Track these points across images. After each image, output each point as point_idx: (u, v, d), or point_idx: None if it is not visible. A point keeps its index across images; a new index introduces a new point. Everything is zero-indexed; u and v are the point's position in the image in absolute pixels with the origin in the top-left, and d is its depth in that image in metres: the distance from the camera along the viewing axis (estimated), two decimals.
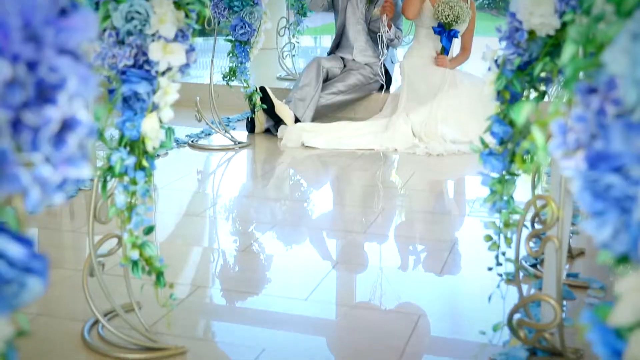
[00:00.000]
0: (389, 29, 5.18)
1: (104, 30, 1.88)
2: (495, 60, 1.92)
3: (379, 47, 5.22)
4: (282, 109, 4.92)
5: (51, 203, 0.72)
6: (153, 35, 1.84)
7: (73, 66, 0.73)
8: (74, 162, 0.71)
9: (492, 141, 2.00)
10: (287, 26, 6.59)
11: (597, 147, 0.83)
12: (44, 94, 0.70)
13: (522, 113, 1.20)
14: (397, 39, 5.34)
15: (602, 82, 0.87)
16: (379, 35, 5.18)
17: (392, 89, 5.46)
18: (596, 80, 0.89)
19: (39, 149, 0.68)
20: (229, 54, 4.57)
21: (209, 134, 4.93)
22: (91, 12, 0.80)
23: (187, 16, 1.89)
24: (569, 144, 0.90)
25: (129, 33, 1.85)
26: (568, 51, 0.99)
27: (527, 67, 1.88)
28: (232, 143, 4.70)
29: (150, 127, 1.86)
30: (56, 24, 0.75)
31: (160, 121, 1.91)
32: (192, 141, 4.76)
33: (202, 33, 8.30)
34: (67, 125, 0.71)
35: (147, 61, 1.86)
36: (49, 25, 0.74)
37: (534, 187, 2.51)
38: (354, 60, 5.40)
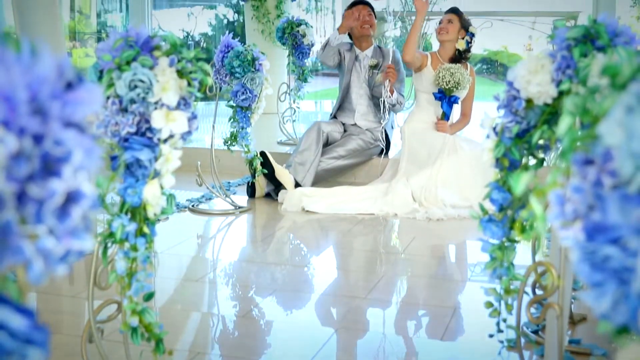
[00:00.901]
0: (392, 94, 5.24)
1: (107, 98, 1.91)
2: (494, 128, 1.94)
3: (381, 112, 5.27)
4: (283, 174, 4.95)
5: (54, 274, 0.73)
6: (156, 103, 1.86)
7: (78, 139, 0.74)
8: (77, 234, 0.71)
9: (491, 208, 2.01)
10: (288, 91, 6.67)
11: (594, 218, 0.84)
12: (49, 167, 0.71)
13: (520, 183, 1.21)
14: (399, 104, 5.40)
15: (599, 153, 0.88)
16: (382, 100, 5.23)
17: (392, 153, 5.50)
18: (593, 151, 0.90)
19: (43, 221, 0.69)
20: (230, 119, 4.62)
21: (210, 199, 4.95)
22: (96, 86, 0.82)
23: (189, 84, 1.92)
24: (567, 215, 0.91)
25: (132, 101, 1.88)
26: (564, 123, 1.01)
27: (525, 134, 1.90)
28: (233, 207, 4.71)
29: (151, 194, 1.87)
30: (62, 97, 0.77)
31: (162, 187, 1.93)
32: (193, 205, 4.77)
33: (204, 97, 8.39)
34: (71, 198, 0.72)
35: (150, 128, 1.88)
36: (56, 99, 0.76)
37: (534, 252, 2.52)
38: (354, 125, 5.45)
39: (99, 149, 0.78)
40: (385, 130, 5.37)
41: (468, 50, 5.19)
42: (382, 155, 5.41)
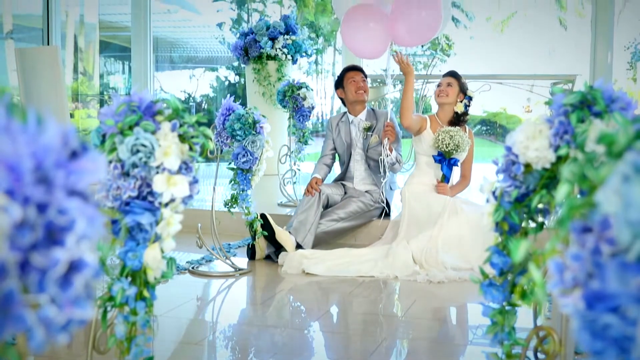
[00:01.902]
0: (390, 153, 5.27)
1: (110, 162, 1.93)
2: (493, 192, 1.96)
3: (380, 170, 5.29)
4: (283, 236, 4.95)
5: (55, 342, 0.73)
6: (157, 167, 1.88)
7: (82, 208, 0.75)
8: (79, 303, 0.72)
9: (492, 271, 2.01)
10: (289, 154, 6.71)
11: (593, 286, 0.85)
12: (53, 236, 0.72)
13: (519, 250, 1.22)
14: (398, 163, 5.42)
15: (597, 221, 0.89)
16: (381, 159, 5.26)
17: (393, 215, 5.50)
18: (591, 219, 0.91)
19: (45, 290, 0.70)
20: (231, 182, 4.64)
21: (210, 260, 4.94)
22: (100, 154, 0.83)
23: (191, 149, 1.94)
24: (566, 283, 0.91)
25: (134, 165, 1.89)
26: (562, 191, 1.02)
27: (525, 199, 1.91)
28: (233, 270, 4.70)
29: (152, 258, 1.87)
30: (67, 166, 0.78)
31: (162, 251, 1.93)
32: (193, 267, 4.76)
33: (205, 159, 8.44)
34: (73, 267, 0.72)
35: (151, 192, 1.89)
36: (60, 168, 0.77)
37: (535, 316, 2.50)
38: (354, 187, 5.48)
39: (101, 217, 0.78)
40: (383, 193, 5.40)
41: (466, 113, 5.25)
42: (382, 217, 5.42)
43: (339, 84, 5.66)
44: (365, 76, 5.67)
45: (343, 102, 5.72)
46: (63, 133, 0.81)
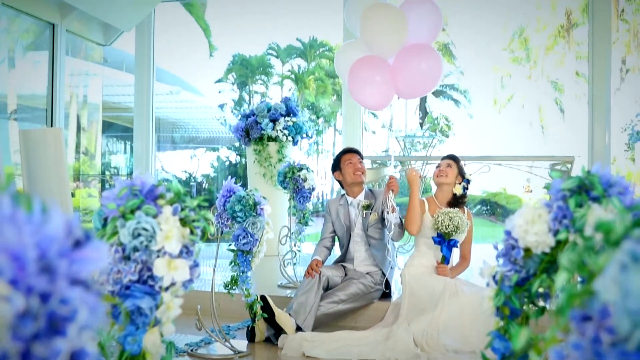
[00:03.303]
0: (393, 212, 5.29)
1: (111, 245, 1.93)
2: (494, 276, 1.96)
3: (386, 228, 5.31)
4: (283, 318, 4.91)
5: None
6: (158, 251, 1.88)
7: (84, 297, 0.76)
8: None
9: (493, 356, 1.99)
10: (289, 235, 6.70)
11: None
12: (55, 326, 0.72)
13: (519, 339, 1.21)
14: (401, 227, 5.40)
15: (596, 309, 0.89)
16: (386, 218, 5.29)
17: (393, 294, 5.48)
18: (590, 307, 0.91)
19: None
20: (231, 263, 4.63)
21: (209, 343, 4.89)
22: (102, 244, 0.84)
23: (192, 232, 1.95)
24: None
25: (135, 249, 1.90)
26: (561, 279, 1.02)
27: (525, 283, 1.91)
28: (232, 352, 4.65)
29: (151, 342, 1.86)
30: (70, 255, 0.79)
31: (162, 335, 1.92)
32: (192, 350, 4.70)
33: (206, 240, 8.44)
34: (75, 357, 0.72)
35: (152, 276, 1.89)
36: (64, 257, 0.78)
37: None
38: (354, 269, 5.47)
39: (103, 306, 0.79)
40: (384, 273, 5.39)
41: (464, 195, 5.29)
42: (383, 297, 5.39)
43: (336, 166, 5.72)
44: (362, 157, 5.73)
45: (341, 185, 5.76)
46: (67, 222, 0.82)
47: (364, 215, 5.53)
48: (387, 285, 5.46)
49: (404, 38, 5.67)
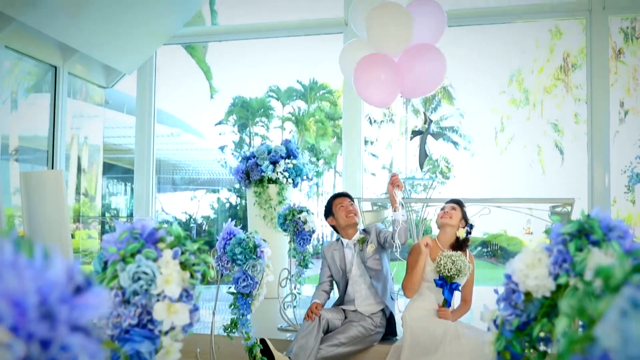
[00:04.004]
0: (396, 210, 5.29)
1: (111, 289, 1.93)
2: (494, 321, 1.95)
3: (391, 230, 5.29)
4: None
5: None
6: (158, 295, 1.88)
7: (84, 344, 0.76)
8: None
9: None
10: (289, 277, 6.68)
11: None
12: None
13: None
14: (404, 238, 5.37)
15: (597, 355, 0.89)
16: (392, 216, 5.28)
17: (394, 340, 5.45)
18: (591, 353, 0.91)
19: None
20: (230, 306, 4.61)
21: None
22: (103, 289, 0.84)
23: (192, 276, 1.94)
24: None
25: (135, 293, 1.90)
26: (561, 325, 1.02)
27: (526, 327, 1.91)
28: None
29: None
30: (71, 301, 0.79)
31: None
32: None
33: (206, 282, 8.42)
34: None
35: (151, 320, 1.88)
36: (64, 303, 0.78)
37: None
38: (355, 311, 5.44)
39: (103, 353, 0.79)
40: (385, 313, 5.36)
41: (467, 239, 5.29)
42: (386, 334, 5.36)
43: (329, 212, 5.74)
44: (352, 200, 5.75)
45: (335, 230, 5.76)
46: (68, 267, 0.82)
47: (361, 249, 5.52)
48: (390, 321, 5.43)
49: (410, 37, 5.80)
